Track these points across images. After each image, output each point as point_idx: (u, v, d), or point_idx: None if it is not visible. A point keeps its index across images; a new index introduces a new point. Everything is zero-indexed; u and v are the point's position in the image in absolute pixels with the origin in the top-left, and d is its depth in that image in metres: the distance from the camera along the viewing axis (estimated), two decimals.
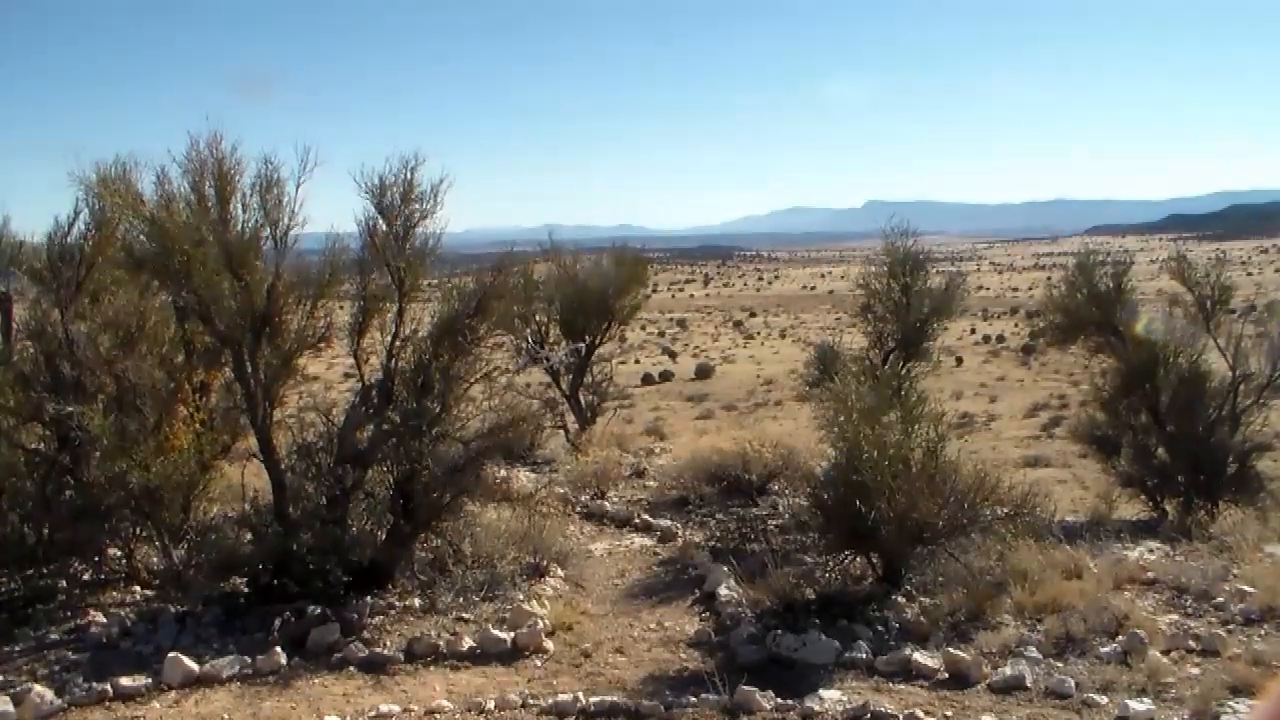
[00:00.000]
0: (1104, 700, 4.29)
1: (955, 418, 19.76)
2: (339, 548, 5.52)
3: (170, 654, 4.74)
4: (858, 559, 6.03)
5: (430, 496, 5.89)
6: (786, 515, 7.81)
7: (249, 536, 5.57)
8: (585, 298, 12.03)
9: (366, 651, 4.93)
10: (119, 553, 6.08)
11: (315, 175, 5.48)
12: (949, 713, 4.32)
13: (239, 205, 5.49)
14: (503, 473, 7.84)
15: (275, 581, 5.47)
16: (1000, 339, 54.81)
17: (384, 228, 5.82)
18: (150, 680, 4.61)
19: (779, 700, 4.45)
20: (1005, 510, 5.92)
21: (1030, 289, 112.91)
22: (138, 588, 5.86)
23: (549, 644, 5.22)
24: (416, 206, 5.88)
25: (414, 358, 5.95)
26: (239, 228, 5.43)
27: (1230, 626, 4.98)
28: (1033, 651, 4.77)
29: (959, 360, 41.44)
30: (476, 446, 6.02)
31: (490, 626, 5.30)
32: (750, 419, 15.19)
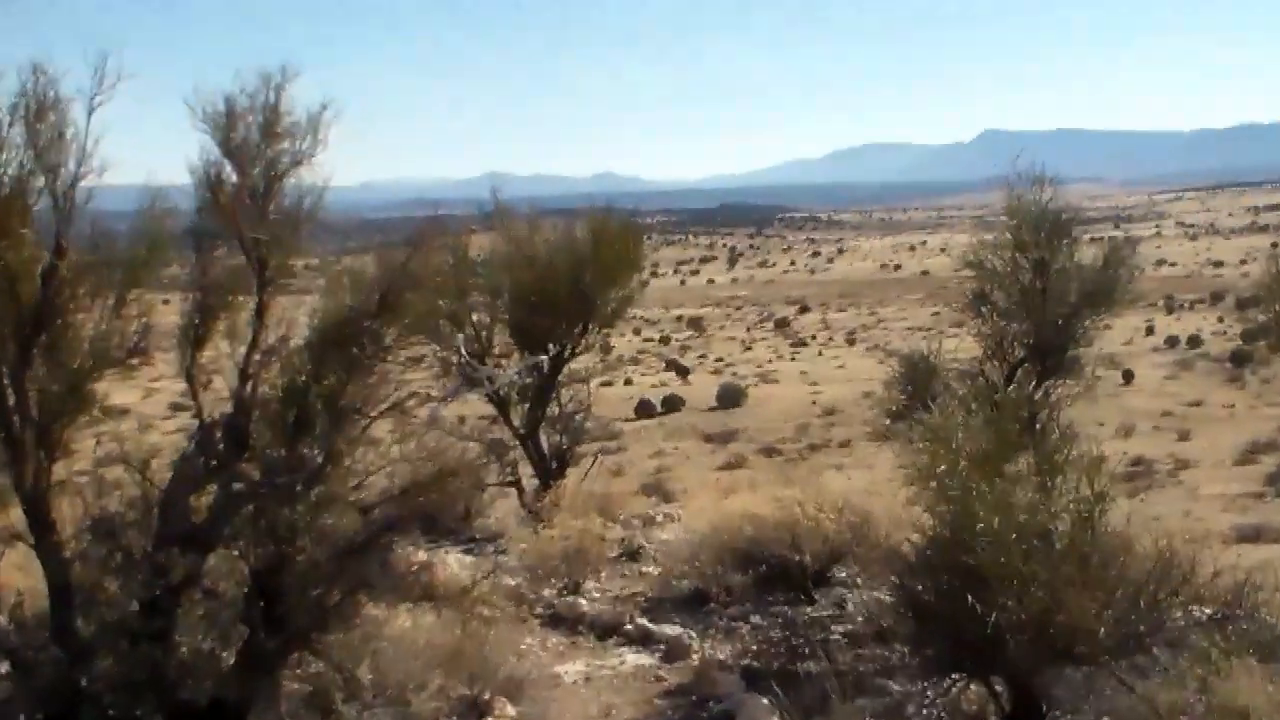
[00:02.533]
0: None
1: (1124, 466, 19.49)
2: (160, 680, 5.38)
3: None
4: (972, 686, 5.99)
5: (308, 595, 5.82)
6: (859, 619, 7.80)
7: (6, 668, 5.38)
8: (549, 286, 12.09)
9: None
10: None
11: (130, 100, 5.41)
12: None
13: None
14: (423, 556, 7.77)
15: None
16: (1195, 341, 51.06)
17: (234, 178, 5.78)
18: None
19: None
20: (1208, 612, 5.84)
21: (1242, 263, 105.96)
22: None
23: None
24: (285, 146, 5.82)
25: (283, 381, 5.95)
26: None
27: None
28: None
29: (1128, 376, 39.67)
30: (382, 516, 6.05)
31: None
32: (802, 469, 15.22)
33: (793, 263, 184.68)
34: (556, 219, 13.56)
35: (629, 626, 8.25)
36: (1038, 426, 6.52)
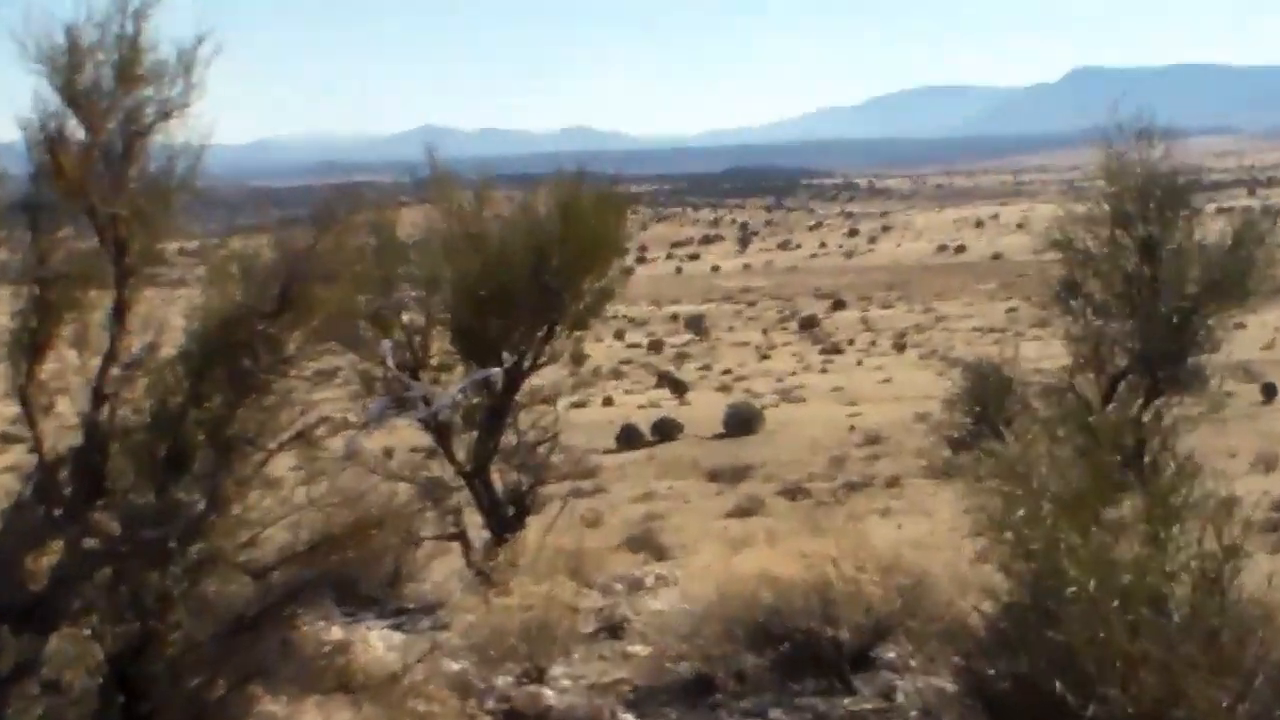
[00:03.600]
0: None
1: (1264, 511, 19.49)
2: None
3: None
4: None
5: (183, 687, 5.84)
6: (913, 713, 7.83)
7: None
8: (503, 276, 12.16)
9: None
10: None
11: None
12: None
13: None
14: (337, 633, 7.75)
15: None
16: None
17: (81, 135, 5.79)
18: None
19: None
20: None
21: None
22: None
23: None
24: (150, 93, 5.82)
25: (152, 403, 5.98)
26: None
27: None
28: None
29: (1269, 391, 40.29)
30: (283, 581, 6.09)
31: None
32: (836, 516, 15.25)
33: (823, 244, 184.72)
34: (513, 187, 13.56)
35: None
36: (1146, 459, 6.52)
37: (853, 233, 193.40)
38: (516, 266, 12.18)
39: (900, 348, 70.83)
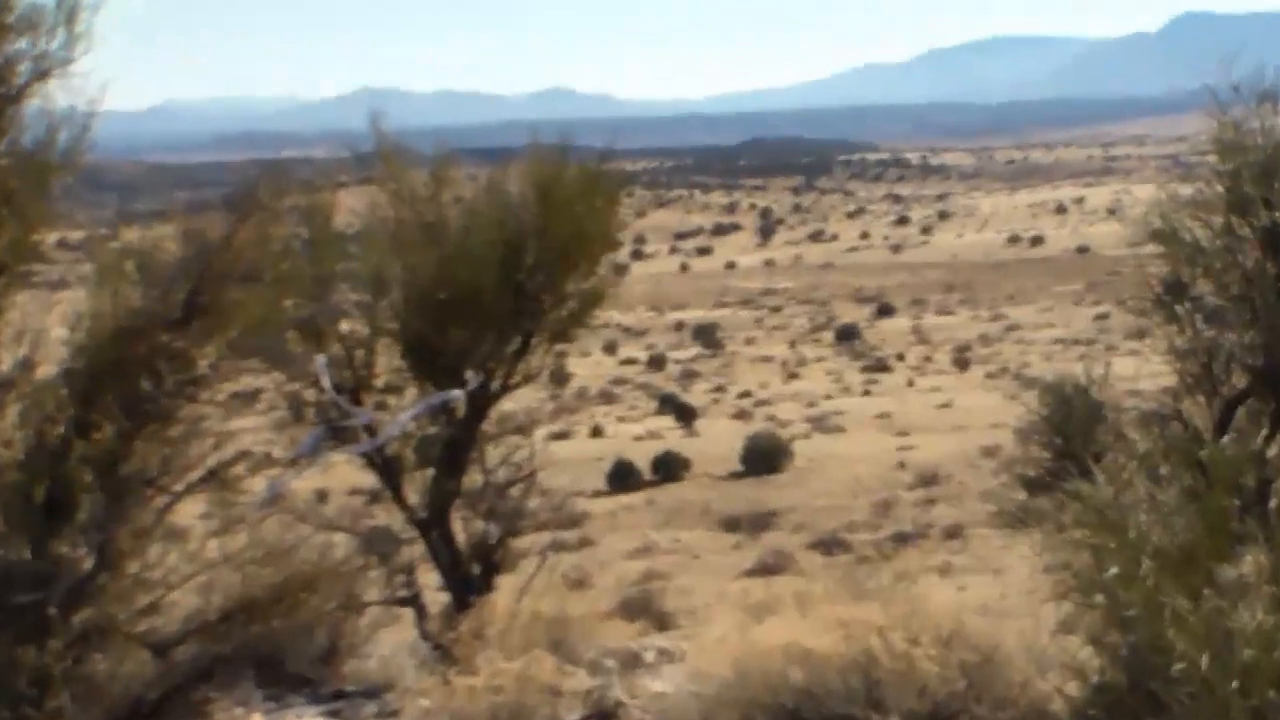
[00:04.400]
0: None
1: None
2: None
3: None
4: None
5: None
6: None
7: None
8: (465, 276, 12.21)
9: None
10: None
11: None
12: None
13: None
14: None
15: None
16: None
17: None
18: None
19: None
20: None
21: None
22: None
23: None
24: (22, 46, 5.82)
25: (27, 434, 6.00)
26: None
27: None
28: None
29: None
30: (191, 657, 6.14)
31: None
32: (883, 574, 15.20)
33: (866, 234, 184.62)
34: (478, 163, 13.57)
35: None
36: (1273, 503, 6.53)
37: (902, 221, 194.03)
38: (482, 263, 12.18)
39: (962, 364, 71.03)
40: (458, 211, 12.68)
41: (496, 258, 12.22)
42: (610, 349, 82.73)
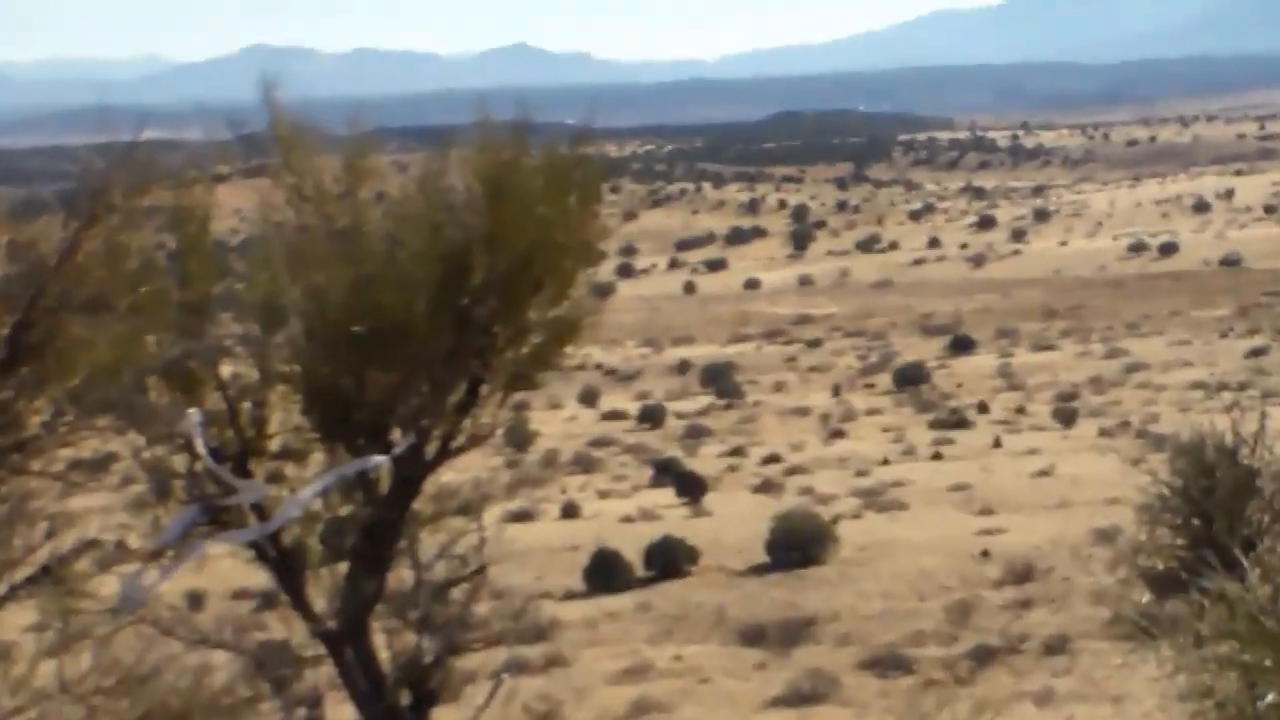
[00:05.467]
0: None
1: None
2: None
3: None
4: None
5: None
6: None
7: None
8: (391, 301, 12.31)
9: None
10: None
11: None
12: None
13: None
14: None
15: None
16: None
17: None
18: None
19: None
20: None
21: None
22: None
23: None
24: None
25: None
26: None
27: None
28: None
29: None
30: None
31: None
32: (959, 703, 15.14)
33: (936, 242, 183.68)
34: (408, 147, 13.62)
35: None
36: None
37: (985, 223, 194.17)
38: (414, 284, 12.22)
39: (1066, 418, 70.85)
40: (380, 214, 12.69)
41: (433, 277, 12.23)
42: (589, 399, 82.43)
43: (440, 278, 12.28)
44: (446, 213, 12.59)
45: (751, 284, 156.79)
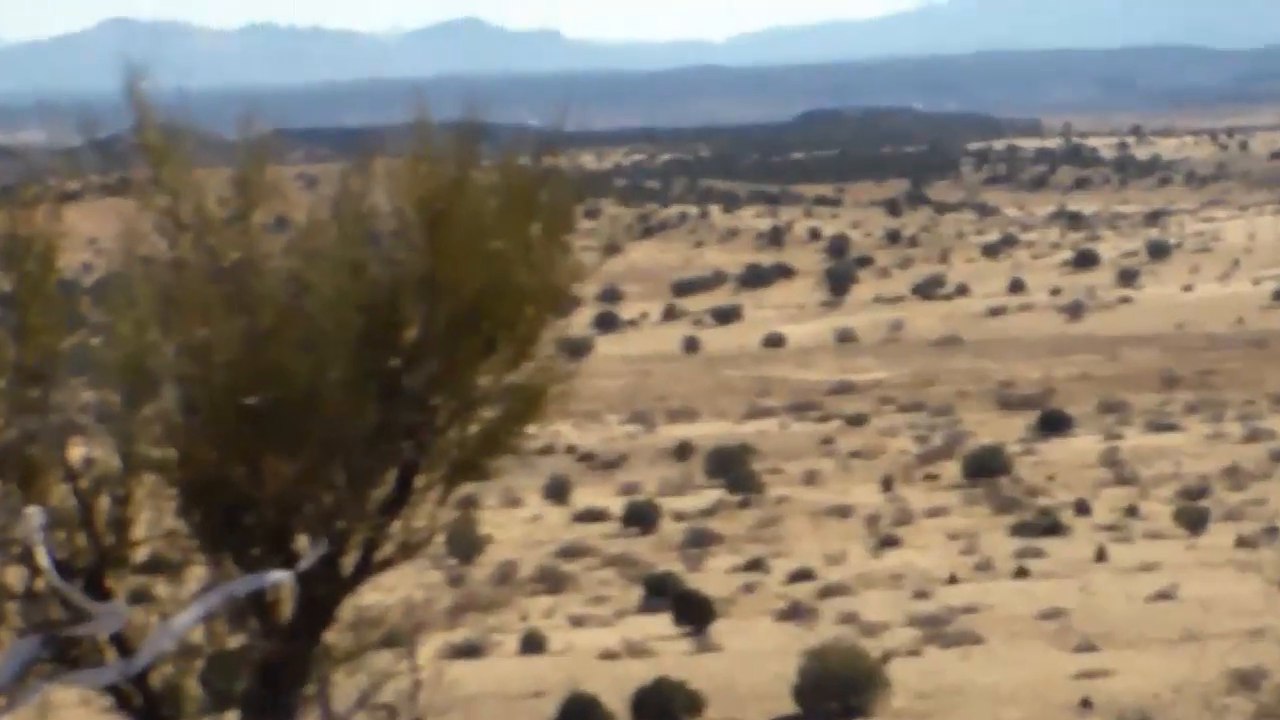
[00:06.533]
0: None
1: None
2: None
3: None
4: None
5: None
6: None
7: None
8: (296, 364, 12.35)
9: None
10: None
11: None
12: None
13: None
14: None
15: None
16: None
17: None
18: None
19: None
20: None
21: None
22: None
23: None
24: None
25: None
26: None
27: None
28: None
29: None
30: None
31: None
32: None
33: (1017, 284, 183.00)
34: (315, 155, 13.64)
35: None
36: None
37: (1084, 260, 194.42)
38: (326, 341, 12.23)
39: (1193, 521, 70.74)
40: (282, 247, 12.70)
41: (352, 332, 12.25)
42: (558, 493, 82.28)
43: (362, 333, 12.27)
44: (370, 246, 12.61)
45: (774, 340, 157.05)
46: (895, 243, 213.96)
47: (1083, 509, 75.41)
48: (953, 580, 59.48)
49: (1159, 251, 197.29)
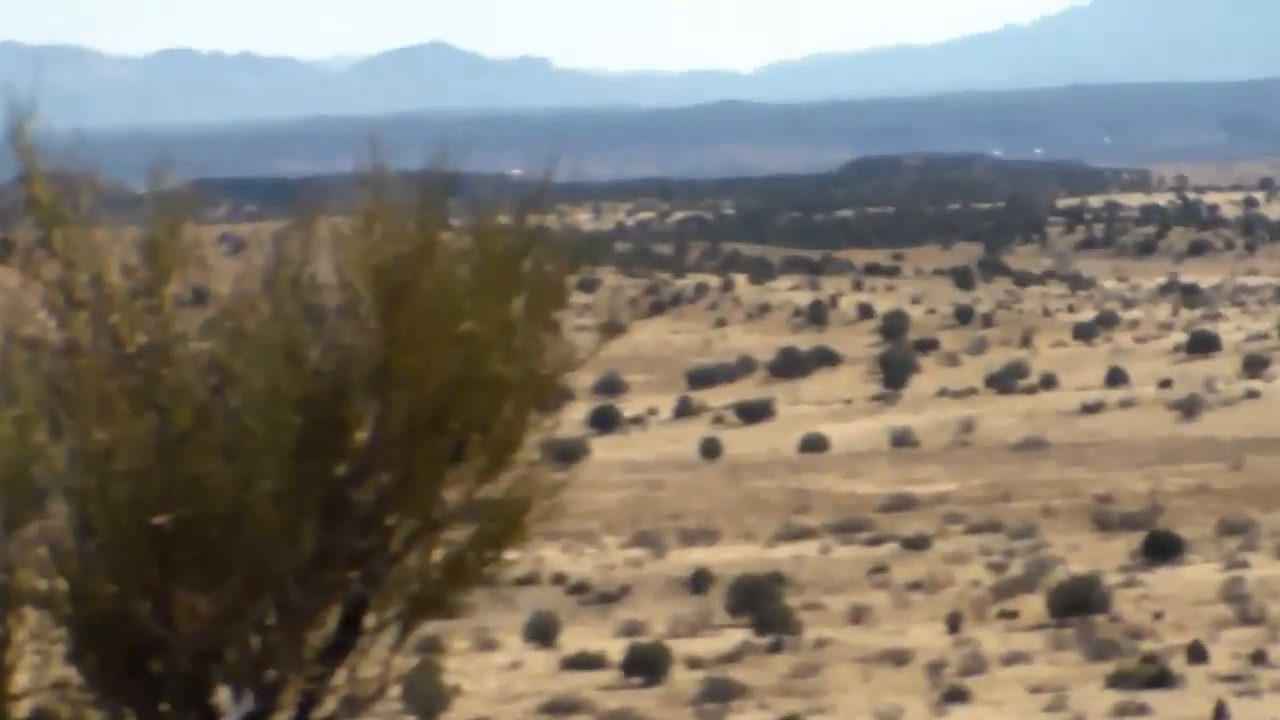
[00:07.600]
0: None
1: None
2: None
3: None
4: None
5: None
6: None
7: None
8: (219, 476, 12.34)
9: None
10: None
11: None
12: None
13: None
14: None
15: None
16: None
17: None
18: None
19: None
20: None
21: None
22: None
23: None
24: None
25: None
26: None
27: None
28: None
29: None
30: None
31: None
32: None
33: (1117, 374, 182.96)
34: (244, 212, 13.72)
35: None
36: None
37: (1201, 344, 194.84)
38: (255, 446, 12.26)
39: None
40: (202, 327, 12.75)
41: (287, 435, 12.28)
42: (543, 634, 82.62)
43: (299, 436, 12.30)
44: (311, 326, 12.65)
45: (813, 443, 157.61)
46: (965, 322, 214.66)
47: (1198, 655, 75.54)
48: None
49: None
